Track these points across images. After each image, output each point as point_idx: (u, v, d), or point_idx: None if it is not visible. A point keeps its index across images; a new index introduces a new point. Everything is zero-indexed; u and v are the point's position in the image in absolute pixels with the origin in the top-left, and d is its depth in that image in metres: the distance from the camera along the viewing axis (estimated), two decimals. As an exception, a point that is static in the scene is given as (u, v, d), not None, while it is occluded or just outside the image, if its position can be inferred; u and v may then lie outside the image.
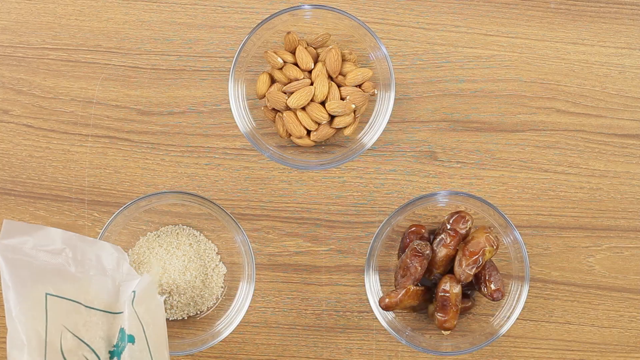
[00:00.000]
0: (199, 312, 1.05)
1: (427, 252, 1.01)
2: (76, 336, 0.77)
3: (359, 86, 1.04)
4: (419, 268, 1.01)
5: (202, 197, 1.03)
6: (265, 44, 1.05)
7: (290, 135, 1.05)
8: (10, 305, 0.76)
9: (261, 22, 1.02)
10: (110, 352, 0.79)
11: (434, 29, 1.07)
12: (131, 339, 0.80)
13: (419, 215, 1.06)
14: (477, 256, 0.99)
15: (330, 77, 1.04)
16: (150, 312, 0.84)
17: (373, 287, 1.04)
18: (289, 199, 1.07)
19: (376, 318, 1.03)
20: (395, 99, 1.05)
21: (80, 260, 0.81)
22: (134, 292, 0.82)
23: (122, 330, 0.79)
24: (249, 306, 1.05)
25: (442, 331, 1.03)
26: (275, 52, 1.04)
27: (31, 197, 1.07)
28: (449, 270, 1.02)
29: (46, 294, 0.77)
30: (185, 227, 1.06)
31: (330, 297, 1.06)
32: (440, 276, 1.02)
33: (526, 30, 1.08)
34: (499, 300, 1.02)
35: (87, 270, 0.81)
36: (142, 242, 1.04)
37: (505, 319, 1.03)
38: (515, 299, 1.03)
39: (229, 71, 1.05)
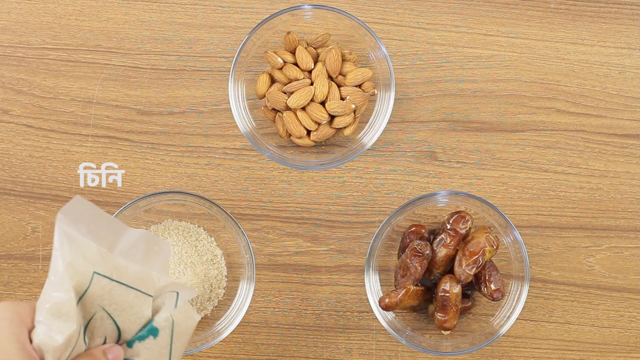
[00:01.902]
0: (201, 312, 1.05)
1: (427, 252, 1.01)
2: (107, 313, 0.78)
3: (359, 86, 1.04)
4: (419, 268, 1.01)
5: (202, 197, 1.03)
6: (265, 44, 1.05)
7: (290, 135, 1.05)
8: (59, 266, 0.77)
9: (261, 22, 1.02)
10: (135, 335, 0.80)
11: (434, 29, 1.07)
12: (155, 332, 0.80)
13: (419, 215, 1.06)
14: (477, 256, 0.99)
15: (330, 77, 1.04)
16: (184, 320, 0.83)
17: (373, 287, 1.04)
18: (289, 199, 1.07)
19: (376, 318, 1.03)
20: (395, 99, 1.05)
21: (129, 247, 0.81)
22: (177, 293, 0.81)
23: (151, 322, 0.80)
24: (249, 306, 1.05)
25: (442, 331, 1.03)
26: (275, 52, 1.04)
27: (31, 197, 1.07)
28: (449, 270, 1.02)
29: (94, 272, 0.78)
30: (185, 223, 1.06)
31: (330, 297, 1.06)
32: (440, 276, 1.02)
33: (526, 30, 1.08)
34: (499, 300, 1.02)
35: (132, 256, 0.81)
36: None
37: (505, 319, 1.03)
38: (515, 299, 1.03)
39: (229, 71, 1.05)
